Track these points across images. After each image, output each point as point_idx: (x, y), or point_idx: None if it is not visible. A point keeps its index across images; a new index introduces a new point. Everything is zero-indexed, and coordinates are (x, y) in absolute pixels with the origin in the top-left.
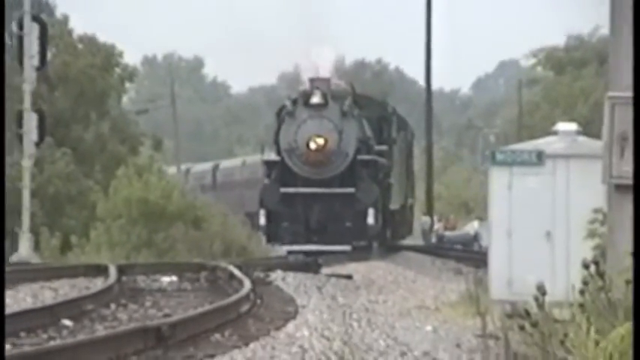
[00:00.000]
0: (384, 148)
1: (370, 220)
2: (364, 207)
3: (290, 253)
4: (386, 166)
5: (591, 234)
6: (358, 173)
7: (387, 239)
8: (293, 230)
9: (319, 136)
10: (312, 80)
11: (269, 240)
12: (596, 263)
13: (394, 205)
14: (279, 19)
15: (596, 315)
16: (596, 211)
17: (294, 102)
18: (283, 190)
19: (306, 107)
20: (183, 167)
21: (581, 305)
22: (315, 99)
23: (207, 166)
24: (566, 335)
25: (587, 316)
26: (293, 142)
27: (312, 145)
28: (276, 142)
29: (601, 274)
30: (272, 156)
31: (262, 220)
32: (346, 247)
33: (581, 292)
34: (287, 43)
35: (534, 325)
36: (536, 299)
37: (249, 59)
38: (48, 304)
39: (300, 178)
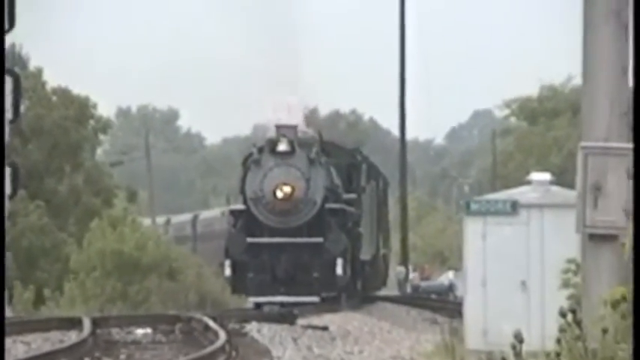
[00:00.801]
0: (352, 196)
1: (339, 270)
2: (332, 257)
3: (257, 305)
4: (355, 215)
5: (565, 284)
6: (326, 222)
7: (358, 291)
8: (259, 281)
9: (286, 184)
10: (278, 127)
11: (234, 291)
12: (573, 312)
13: (365, 256)
14: (253, 72)
15: None
16: (570, 261)
17: (261, 150)
18: (249, 239)
19: (272, 155)
20: (163, 218)
21: (558, 354)
22: (282, 146)
23: (187, 216)
24: None
25: None
26: (259, 191)
27: (279, 194)
28: (242, 191)
29: (578, 323)
30: (238, 205)
31: (227, 271)
32: (314, 299)
33: (558, 341)
34: (260, 94)
35: None
36: (514, 347)
37: (223, 111)
38: (20, 358)
39: (266, 228)
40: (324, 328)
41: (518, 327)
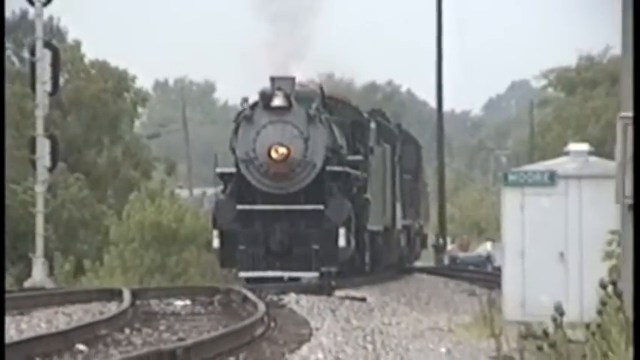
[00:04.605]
0: (358, 158)
1: (341, 241)
2: (334, 226)
3: (248, 280)
4: (361, 179)
5: (608, 255)
6: (327, 187)
7: (366, 265)
8: (251, 254)
9: (281, 144)
10: (273, 79)
11: (223, 265)
12: (614, 283)
13: (375, 226)
14: (287, 46)
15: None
16: (613, 232)
17: (254, 105)
18: (240, 206)
19: (266, 111)
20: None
21: (599, 326)
22: (277, 101)
23: None
24: (584, 357)
25: (626, 336)
26: (251, 152)
27: (273, 155)
28: (233, 151)
29: (619, 295)
30: (227, 168)
31: (215, 243)
32: (313, 274)
33: (599, 312)
34: (296, 67)
35: (552, 345)
36: (554, 319)
37: (260, 83)
38: (62, 329)
39: (259, 193)
40: (362, 300)
41: (556, 298)
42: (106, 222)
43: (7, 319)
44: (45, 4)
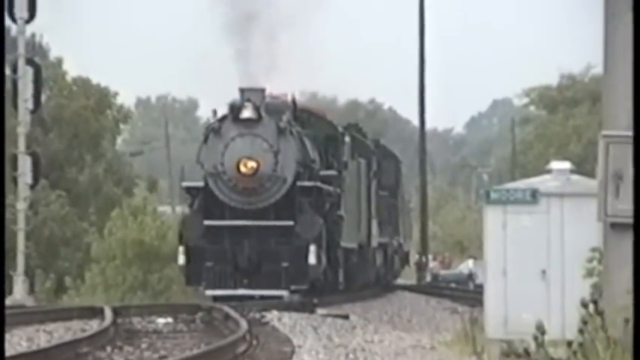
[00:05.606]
0: (332, 173)
1: (312, 259)
2: (304, 243)
3: (215, 299)
4: (334, 195)
5: (589, 273)
6: (298, 203)
7: (339, 284)
8: (218, 271)
9: (250, 158)
10: (242, 90)
11: (188, 283)
12: (595, 302)
13: (349, 243)
14: (270, 64)
15: (595, 354)
16: (594, 249)
17: (223, 118)
18: (207, 222)
19: (235, 123)
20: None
21: (581, 344)
22: (246, 113)
23: None
24: None
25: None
26: (219, 165)
27: (242, 169)
28: (201, 165)
29: (600, 313)
30: (194, 182)
31: (181, 259)
32: (283, 292)
33: (580, 331)
34: (279, 83)
35: None
36: (536, 338)
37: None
38: (43, 347)
39: (227, 208)
40: (345, 317)
41: (538, 316)
42: (88, 239)
43: None
44: (27, 22)
